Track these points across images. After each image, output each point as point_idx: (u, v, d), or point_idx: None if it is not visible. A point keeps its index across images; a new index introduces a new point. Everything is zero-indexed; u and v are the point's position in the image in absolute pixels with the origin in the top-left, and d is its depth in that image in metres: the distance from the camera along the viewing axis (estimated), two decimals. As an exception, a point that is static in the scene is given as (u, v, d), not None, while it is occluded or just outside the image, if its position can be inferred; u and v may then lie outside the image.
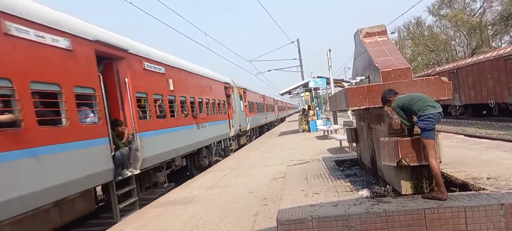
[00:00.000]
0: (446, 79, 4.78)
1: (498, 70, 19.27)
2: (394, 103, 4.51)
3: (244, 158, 14.16)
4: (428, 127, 4.12)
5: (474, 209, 3.75)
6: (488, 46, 37.87)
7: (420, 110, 4.21)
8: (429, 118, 4.12)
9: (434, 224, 3.80)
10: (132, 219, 6.85)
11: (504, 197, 3.87)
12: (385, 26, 6.25)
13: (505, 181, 4.54)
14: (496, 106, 20.52)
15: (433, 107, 4.17)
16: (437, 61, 43.90)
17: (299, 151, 13.07)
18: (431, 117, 4.12)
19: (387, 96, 4.62)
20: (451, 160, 6.10)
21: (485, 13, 40.34)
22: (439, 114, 4.19)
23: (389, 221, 3.89)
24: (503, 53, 19.17)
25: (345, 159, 8.18)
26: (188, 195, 8.21)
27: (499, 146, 7.69)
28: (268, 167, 10.63)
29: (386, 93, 4.64)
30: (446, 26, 44.66)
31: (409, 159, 4.31)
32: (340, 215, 4.03)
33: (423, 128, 4.17)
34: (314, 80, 21.10)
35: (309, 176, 6.64)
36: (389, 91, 4.64)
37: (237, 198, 7.17)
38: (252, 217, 5.68)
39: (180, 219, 6.23)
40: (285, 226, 4.09)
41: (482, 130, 18.34)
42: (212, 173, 11.32)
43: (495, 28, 38.81)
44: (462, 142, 9.04)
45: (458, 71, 23.87)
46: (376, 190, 5.06)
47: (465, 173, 5.11)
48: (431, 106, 4.18)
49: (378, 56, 5.53)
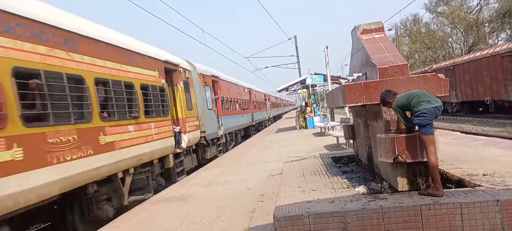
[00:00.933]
0: (443, 76, 4.79)
1: (495, 68, 19.34)
2: (394, 104, 4.49)
3: (241, 155, 14.16)
4: (423, 122, 4.11)
5: (470, 205, 3.77)
6: (484, 43, 37.98)
7: (414, 106, 4.21)
8: (423, 114, 4.10)
9: (430, 220, 3.82)
10: (129, 216, 6.84)
11: (500, 194, 3.88)
12: (382, 23, 6.23)
13: (500, 177, 4.56)
14: (493, 103, 20.60)
15: (427, 102, 4.14)
16: (434, 58, 43.98)
17: (296, 147, 13.09)
18: (425, 112, 4.09)
19: (386, 98, 4.59)
20: (447, 157, 6.12)
21: (482, 10, 40.41)
22: (435, 109, 4.14)
23: (385, 217, 3.91)
24: (500, 50, 19.22)
25: (342, 156, 8.20)
26: (185, 192, 8.21)
27: (495, 142, 7.72)
28: (265, 163, 10.64)
29: (385, 95, 4.59)
30: (443, 23, 44.76)
31: (405, 156, 4.32)
32: (336, 212, 4.04)
33: (418, 124, 4.18)
34: (311, 77, 21.13)
35: (306, 173, 6.65)
36: (388, 93, 4.59)
37: (234, 195, 7.17)
38: (249, 213, 5.68)
39: (178, 216, 6.23)
40: (282, 222, 4.10)
41: (478, 126, 18.42)
42: (209, 170, 11.32)
43: (491, 26, 38.89)
44: (459, 138, 9.07)
45: (454, 68, 23.92)
46: (373, 187, 5.08)
47: (461, 170, 5.12)
48: (425, 102, 4.15)
49: (375, 53, 5.52)
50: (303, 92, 31.76)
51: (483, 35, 40.23)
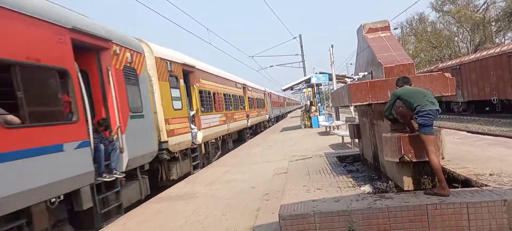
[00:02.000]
0: (449, 75, 4.77)
1: (501, 67, 19.17)
2: (395, 91, 4.54)
3: (245, 154, 14.17)
4: (427, 123, 4.15)
5: (476, 205, 3.75)
6: (491, 42, 37.64)
7: (419, 105, 4.21)
8: (428, 114, 4.15)
9: (436, 220, 3.80)
10: (134, 214, 6.87)
11: (507, 193, 3.86)
12: (388, 22, 6.21)
13: (508, 177, 4.53)
14: (499, 103, 20.44)
15: (432, 104, 4.20)
16: (440, 57, 43.71)
17: (301, 146, 13.07)
18: (430, 113, 4.15)
19: (396, 84, 4.67)
20: (454, 156, 6.08)
21: (489, 9, 40.07)
22: (437, 111, 4.22)
23: (391, 217, 3.90)
24: (507, 49, 19.05)
25: (347, 155, 8.18)
26: (189, 191, 8.23)
27: (502, 142, 7.66)
28: (270, 162, 10.64)
29: (396, 81, 4.68)
30: (449, 22, 44.45)
31: (411, 155, 4.30)
32: (342, 211, 4.03)
33: (422, 124, 4.18)
34: (316, 76, 21.08)
35: (311, 172, 6.64)
36: (398, 80, 4.66)
37: (239, 194, 7.18)
38: (254, 212, 5.69)
39: (182, 214, 6.25)
40: (287, 221, 4.10)
41: (485, 126, 18.27)
42: (214, 168, 11.34)
43: (498, 24, 38.57)
44: (465, 138, 9.01)
45: (461, 68, 23.75)
46: (378, 186, 5.07)
47: (468, 169, 5.09)
48: (430, 103, 4.20)
49: (381, 52, 5.50)
50: (308, 91, 31.74)
51: (489, 34, 39.89)
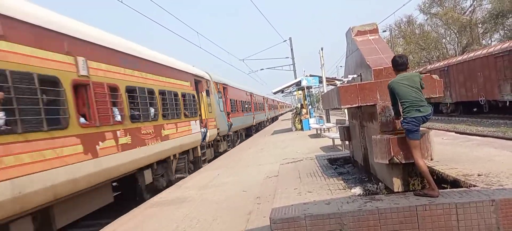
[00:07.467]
0: (437, 77, 4.82)
1: (488, 68, 19.49)
2: (390, 83, 4.46)
3: (237, 157, 14.13)
4: (411, 129, 4.20)
5: (465, 205, 3.78)
6: (478, 44, 38.28)
7: (404, 111, 4.29)
8: (412, 121, 4.20)
9: (426, 220, 3.83)
10: (124, 220, 6.79)
11: (495, 193, 3.90)
12: (376, 25, 6.25)
13: (495, 177, 4.58)
14: (487, 104, 20.76)
15: (417, 111, 4.22)
16: (428, 59, 44.29)
17: (292, 149, 13.09)
18: (413, 120, 4.20)
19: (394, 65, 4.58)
20: (443, 157, 6.14)
21: (475, 11, 40.79)
22: (424, 117, 4.22)
23: (381, 219, 3.91)
24: (493, 51, 19.39)
25: (338, 157, 8.20)
26: (181, 195, 8.17)
27: (489, 142, 7.76)
28: (261, 165, 10.63)
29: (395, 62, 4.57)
30: (437, 25, 45.10)
31: (401, 157, 4.33)
32: (333, 213, 4.04)
33: (406, 129, 4.23)
34: (306, 79, 21.12)
35: (302, 175, 6.65)
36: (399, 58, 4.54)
37: (231, 197, 7.15)
38: (246, 215, 5.67)
39: (173, 219, 6.20)
40: (278, 224, 4.09)
41: (473, 127, 18.54)
42: (206, 172, 11.28)
43: (485, 26, 39.25)
44: (453, 139, 9.11)
45: (449, 69, 24.09)
46: (369, 188, 5.08)
47: (456, 170, 5.14)
48: (415, 110, 4.22)
49: (369, 55, 5.54)
50: (298, 94, 31.83)
51: (476, 36, 40.57)
